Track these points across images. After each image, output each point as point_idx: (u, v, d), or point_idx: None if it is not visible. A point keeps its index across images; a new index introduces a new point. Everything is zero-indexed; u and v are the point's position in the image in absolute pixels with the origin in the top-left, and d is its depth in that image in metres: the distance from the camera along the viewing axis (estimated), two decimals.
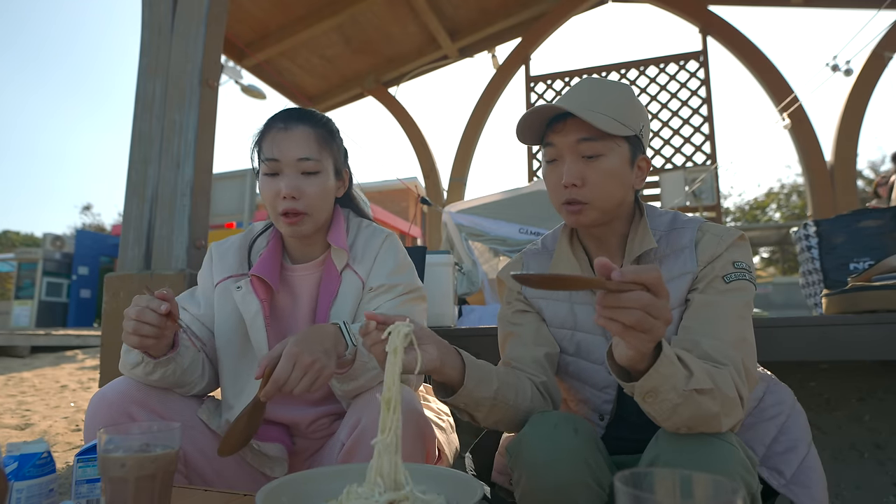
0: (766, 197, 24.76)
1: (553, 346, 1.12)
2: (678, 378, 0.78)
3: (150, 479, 0.78)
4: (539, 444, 0.89)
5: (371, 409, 1.02)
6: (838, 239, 2.44)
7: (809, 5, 6.05)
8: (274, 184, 1.17)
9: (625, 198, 1.06)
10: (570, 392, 1.15)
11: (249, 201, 5.56)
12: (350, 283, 1.23)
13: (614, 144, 1.02)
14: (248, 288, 1.20)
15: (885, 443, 1.90)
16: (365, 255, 1.25)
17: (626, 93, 1.06)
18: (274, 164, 1.17)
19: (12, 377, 5.38)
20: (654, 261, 1.06)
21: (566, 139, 1.03)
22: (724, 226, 1.07)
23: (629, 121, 1.03)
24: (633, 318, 0.70)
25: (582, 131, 1.01)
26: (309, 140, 1.18)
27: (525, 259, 1.23)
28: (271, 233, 1.30)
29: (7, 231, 32.91)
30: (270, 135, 1.18)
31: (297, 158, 1.16)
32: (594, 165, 1.02)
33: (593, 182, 1.02)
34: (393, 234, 1.30)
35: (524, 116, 1.05)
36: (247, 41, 5.93)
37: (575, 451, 0.87)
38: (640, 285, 0.70)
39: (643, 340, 0.72)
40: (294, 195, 1.15)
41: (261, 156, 1.20)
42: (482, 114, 7.05)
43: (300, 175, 1.17)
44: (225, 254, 1.29)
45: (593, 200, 1.03)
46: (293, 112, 1.22)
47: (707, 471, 0.57)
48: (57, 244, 12.42)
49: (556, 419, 0.92)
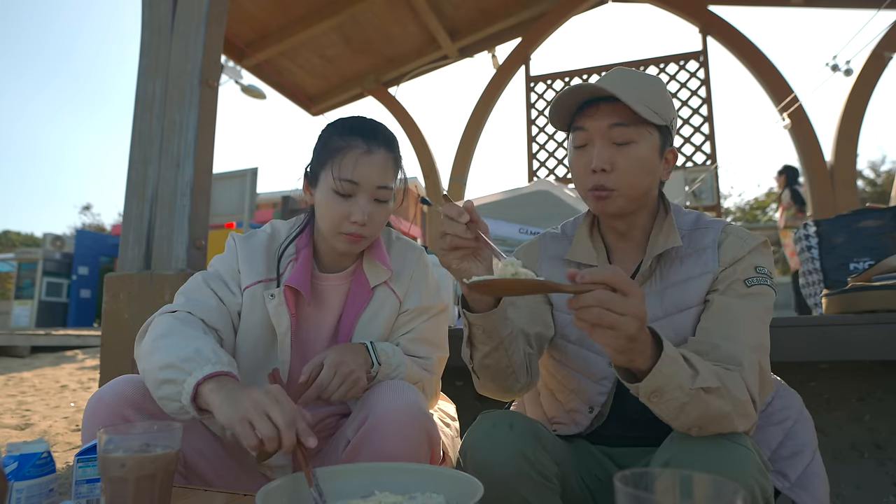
0: (766, 197, 24.76)
1: (547, 329, 1.13)
2: (683, 377, 0.79)
3: (150, 479, 0.78)
4: (480, 444, 0.93)
5: (378, 407, 1.02)
6: (838, 239, 2.44)
7: (809, 5, 6.05)
8: (345, 205, 1.13)
9: (651, 189, 1.06)
10: (564, 381, 1.15)
11: (249, 201, 5.55)
12: (385, 299, 1.23)
13: (646, 132, 1.01)
14: (281, 298, 1.16)
15: (885, 443, 1.90)
16: (402, 274, 1.26)
17: (658, 83, 1.06)
18: (352, 186, 1.12)
19: (12, 377, 5.38)
20: (676, 259, 1.06)
21: (598, 123, 1.02)
22: (747, 230, 1.07)
23: (661, 110, 1.03)
24: (591, 316, 0.72)
25: (615, 116, 1.00)
26: (388, 167, 1.16)
27: (543, 242, 1.23)
28: (301, 240, 1.25)
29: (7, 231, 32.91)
30: (352, 154, 1.13)
31: (377, 186, 1.14)
32: (625, 152, 1.01)
33: (623, 168, 1.01)
34: (422, 249, 1.31)
35: (561, 95, 1.03)
36: (247, 41, 5.93)
37: (511, 447, 0.91)
38: (599, 285, 0.72)
39: (611, 337, 0.73)
40: (366, 222, 1.13)
41: (334, 171, 1.13)
42: (482, 114, 7.05)
43: (373, 202, 1.14)
44: (252, 255, 1.22)
45: (621, 187, 1.02)
46: (374, 131, 1.17)
47: (721, 473, 0.57)
48: (57, 244, 12.43)
49: (495, 419, 0.97)
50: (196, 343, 0.99)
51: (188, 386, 0.92)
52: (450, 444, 1.21)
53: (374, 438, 0.99)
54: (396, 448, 0.98)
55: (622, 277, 0.73)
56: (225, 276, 1.21)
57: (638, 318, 0.73)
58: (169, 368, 0.95)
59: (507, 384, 1.02)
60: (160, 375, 0.96)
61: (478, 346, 0.98)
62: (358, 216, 1.12)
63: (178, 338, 1.01)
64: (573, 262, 1.14)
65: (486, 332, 0.96)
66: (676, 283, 1.04)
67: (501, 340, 0.97)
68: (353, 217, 1.12)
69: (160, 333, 1.03)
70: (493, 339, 0.97)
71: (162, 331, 1.04)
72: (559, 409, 1.17)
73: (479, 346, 0.98)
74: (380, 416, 1.00)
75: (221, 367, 0.95)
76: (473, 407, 2.07)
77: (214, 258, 1.25)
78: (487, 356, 0.98)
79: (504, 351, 0.98)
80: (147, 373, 1.00)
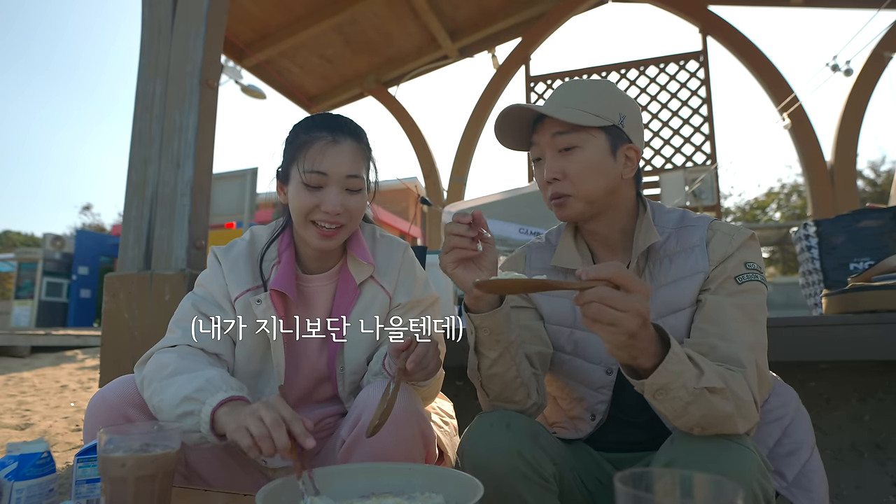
0: (766, 197, 24.77)
1: (547, 347, 1.12)
2: (688, 376, 0.79)
3: (150, 479, 0.78)
4: (477, 444, 0.94)
5: (371, 407, 1.02)
6: (838, 239, 2.44)
7: (809, 5, 6.04)
8: (314, 197, 1.13)
9: (613, 188, 1.07)
10: (564, 390, 1.15)
11: (249, 201, 5.55)
12: (374, 295, 1.23)
13: (588, 136, 1.05)
14: (268, 303, 1.16)
15: (885, 443, 1.90)
16: (388, 269, 1.25)
17: (602, 87, 1.09)
18: (320, 177, 1.12)
19: (12, 377, 5.38)
20: (664, 257, 1.06)
21: (544, 136, 1.08)
22: (733, 224, 1.07)
23: (604, 112, 1.05)
24: (592, 312, 0.73)
25: (555, 126, 1.06)
26: (357, 156, 1.15)
27: (528, 252, 1.23)
28: (281, 242, 1.25)
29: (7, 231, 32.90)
30: (317, 146, 1.13)
31: (346, 175, 1.13)
32: (571, 158, 1.05)
33: (572, 173, 1.05)
34: (407, 245, 1.31)
35: (498, 121, 1.10)
36: (247, 41, 5.93)
37: (508, 447, 0.92)
38: (601, 281, 0.73)
39: (612, 333, 0.74)
40: (339, 211, 1.12)
41: (300, 166, 1.13)
42: (482, 114, 7.04)
43: (345, 192, 1.14)
44: (235, 265, 1.22)
45: (575, 192, 1.05)
46: (339, 123, 1.17)
47: (723, 474, 0.57)
48: (57, 244, 12.42)
49: (492, 419, 0.97)
50: (205, 374, 1.02)
51: (205, 415, 0.94)
52: (448, 443, 1.22)
53: (367, 438, 0.99)
54: (390, 447, 0.99)
55: (625, 273, 0.73)
56: (215, 295, 1.21)
57: (639, 315, 0.72)
58: (185, 402, 0.98)
59: (517, 397, 1.02)
60: (177, 410, 0.98)
61: (485, 352, 0.98)
62: (329, 206, 1.12)
63: (186, 375, 1.02)
64: (559, 268, 1.15)
65: (493, 333, 0.96)
66: (667, 284, 1.04)
67: (508, 345, 0.97)
68: (325, 206, 1.12)
69: (168, 373, 1.04)
70: (501, 343, 0.97)
71: (169, 371, 1.05)
72: (562, 415, 1.17)
73: (486, 353, 0.98)
74: (371, 417, 1.00)
75: (233, 392, 0.98)
76: (473, 406, 2.07)
77: (201, 276, 1.25)
78: (495, 363, 0.98)
79: (511, 358, 0.98)
80: (163, 411, 1.02)
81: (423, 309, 1.27)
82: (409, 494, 0.81)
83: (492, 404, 1.05)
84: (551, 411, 1.20)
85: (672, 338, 0.80)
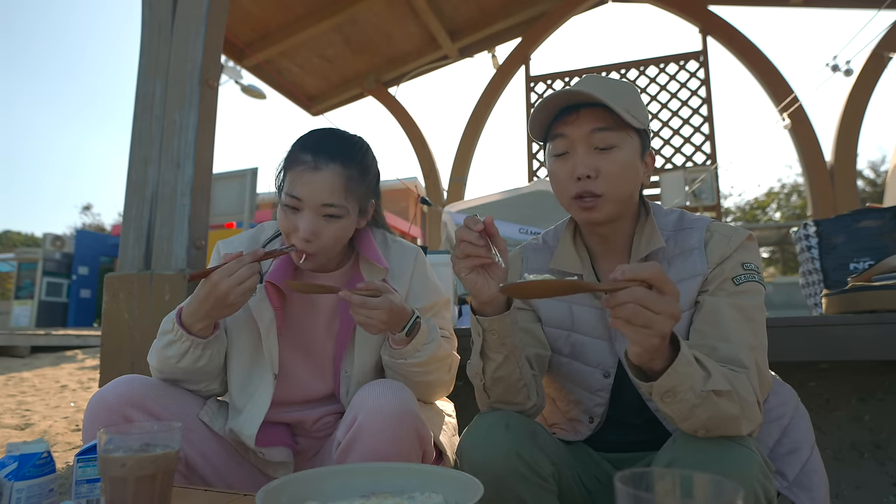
0: (766, 197, 24.77)
1: (545, 349, 1.12)
2: (696, 379, 0.78)
3: (150, 479, 0.78)
4: (475, 445, 0.94)
5: (366, 409, 1.02)
6: (838, 239, 2.44)
7: (809, 5, 6.04)
8: (292, 219, 1.12)
9: (634, 193, 1.06)
10: (562, 393, 1.15)
11: (249, 201, 5.54)
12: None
13: (627, 136, 1.01)
14: (263, 294, 1.17)
15: (885, 443, 1.90)
16: (401, 273, 1.25)
17: (633, 89, 1.07)
18: (296, 201, 1.10)
19: (12, 377, 5.38)
20: (663, 261, 1.05)
21: (579, 130, 1.00)
22: (732, 225, 1.06)
23: (639, 114, 1.03)
24: (626, 313, 0.71)
25: (597, 121, 0.99)
26: (336, 184, 1.10)
27: (525, 254, 1.22)
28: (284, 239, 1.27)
29: (8, 231, 32.91)
30: (297, 170, 1.10)
31: (322, 204, 1.10)
32: (608, 157, 1.00)
33: (608, 173, 1.00)
34: (419, 250, 1.31)
35: (541, 104, 1.01)
36: (247, 41, 5.93)
37: (507, 447, 0.91)
38: (636, 282, 0.71)
39: (644, 335, 0.72)
40: (309, 238, 1.11)
41: (284, 185, 1.13)
42: (482, 114, 7.04)
43: (320, 218, 1.11)
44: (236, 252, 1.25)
45: (608, 192, 1.00)
46: (326, 145, 1.13)
47: (725, 475, 0.57)
48: (57, 244, 12.42)
49: (491, 419, 0.97)
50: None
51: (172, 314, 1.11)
52: (447, 443, 1.21)
53: (363, 439, 0.99)
54: (386, 448, 0.98)
55: (661, 275, 0.71)
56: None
57: (673, 318, 0.72)
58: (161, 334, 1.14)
59: (518, 399, 1.01)
60: (161, 341, 1.13)
61: (491, 355, 0.98)
62: (301, 231, 1.10)
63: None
64: (557, 270, 1.13)
65: (500, 337, 0.96)
66: None
67: (513, 348, 0.97)
68: (298, 231, 1.11)
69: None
70: (506, 346, 0.96)
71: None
72: (560, 416, 1.17)
73: (492, 357, 0.98)
74: (369, 417, 1.00)
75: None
76: (473, 406, 2.06)
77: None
78: (500, 367, 0.98)
79: (515, 361, 0.98)
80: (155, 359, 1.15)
81: (437, 311, 1.27)
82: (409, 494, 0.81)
83: (492, 405, 1.04)
84: (550, 412, 1.20)
85: (682, 340, 0.79)
